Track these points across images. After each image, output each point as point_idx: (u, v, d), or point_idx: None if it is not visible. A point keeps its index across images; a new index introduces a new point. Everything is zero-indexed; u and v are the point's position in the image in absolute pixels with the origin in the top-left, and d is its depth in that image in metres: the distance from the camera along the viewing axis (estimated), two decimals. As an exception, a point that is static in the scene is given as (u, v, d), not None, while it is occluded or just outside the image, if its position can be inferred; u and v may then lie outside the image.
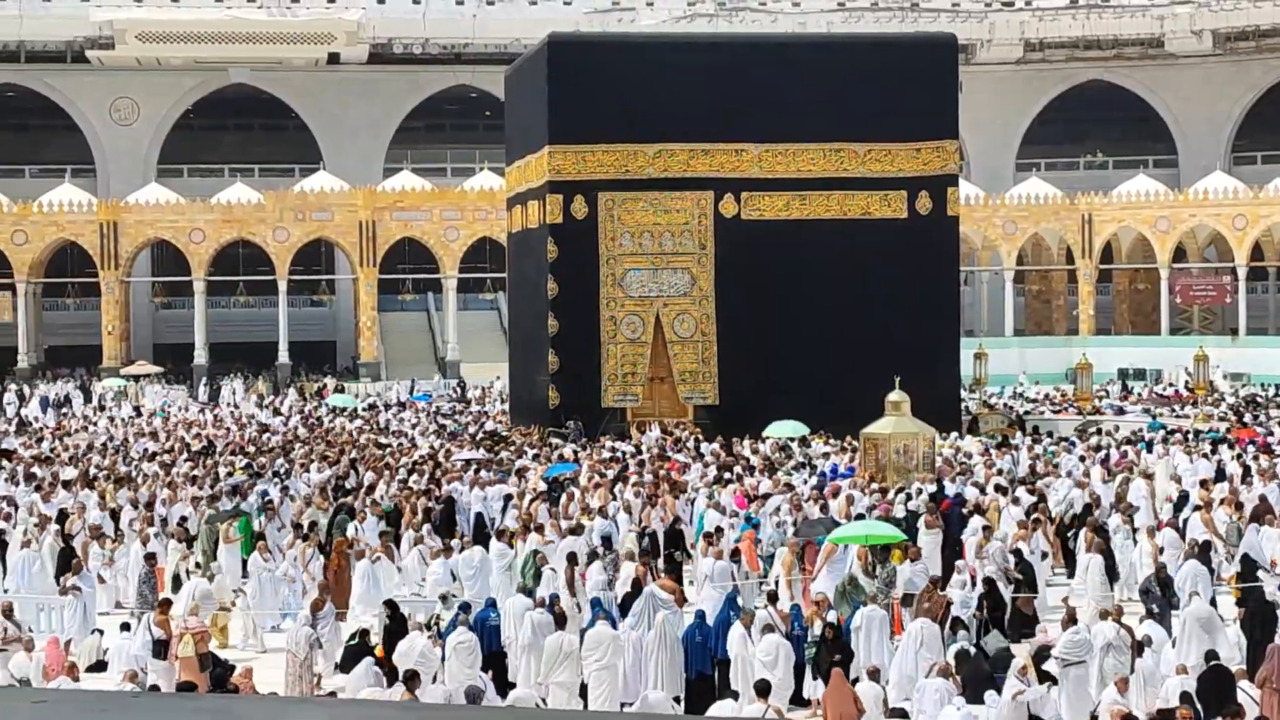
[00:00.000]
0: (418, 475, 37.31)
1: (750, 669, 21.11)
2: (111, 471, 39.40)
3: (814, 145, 49.65)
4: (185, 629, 22.03)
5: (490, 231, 76.65)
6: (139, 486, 36.30)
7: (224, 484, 36.21)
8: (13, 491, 36.08)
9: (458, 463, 39.66)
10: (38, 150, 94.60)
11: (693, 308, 49.24)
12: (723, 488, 34.48)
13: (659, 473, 36.68)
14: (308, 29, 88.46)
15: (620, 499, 32.79)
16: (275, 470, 39.23)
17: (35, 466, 40.38)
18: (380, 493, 34.76)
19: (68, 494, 35.10)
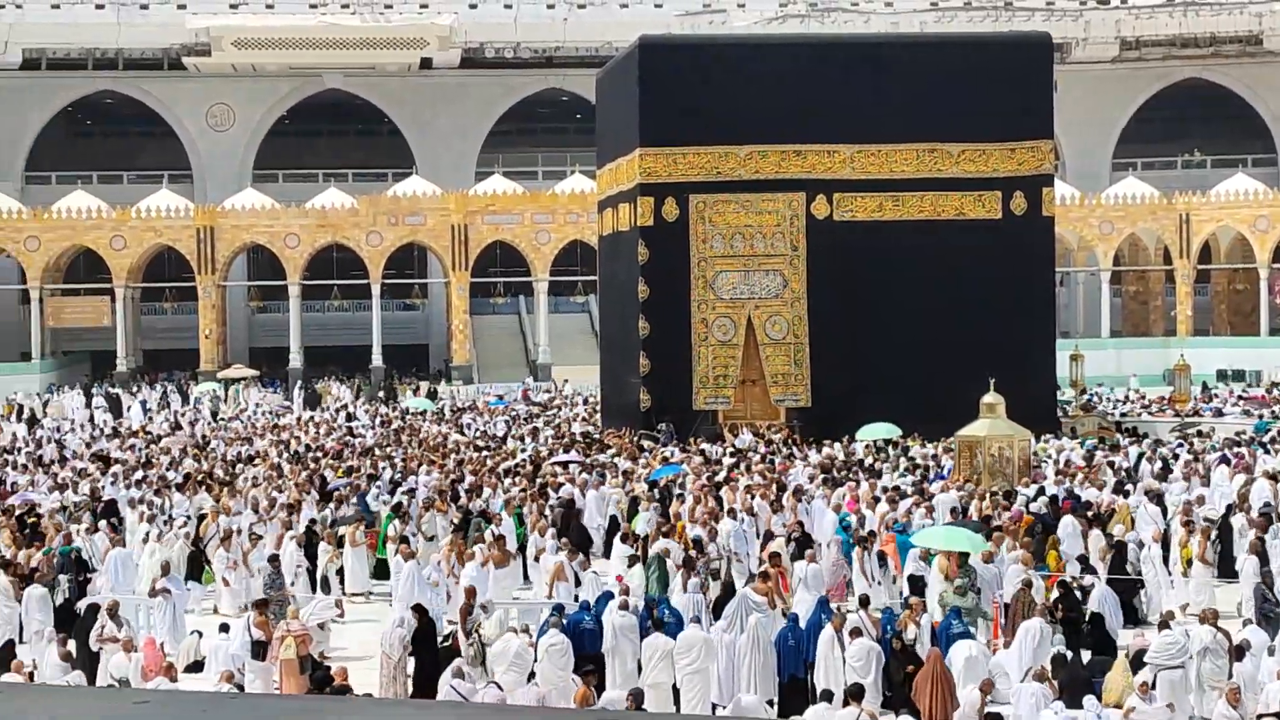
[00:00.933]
0: (524, 478, 37.19)
1: (838, 672, 21.02)
2: (213, 474, 39.62)
3: (907, 146, 49.33)
4: (287, 631, 22.16)
5: (581, 234, 76.82)
6: (252, 489, 36.45)
7: (335, 487, 36.28)
8: (119, 494, 36.37)
9: (555, 466, 39.62)
10: (136, 156, 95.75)
11: (785, 310, 49.06)
12: (831, 490, 34.37)
13: (767, 475, 36.56)
14: (401, 34, 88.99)
15: (742, 501, 32.58)
16: (376, 474, 39.17)
17: (139, 470, 40.66)
18: (486, 496, 34.66)
19: (182, 497, 35.31)
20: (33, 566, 27.38)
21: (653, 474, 37.48)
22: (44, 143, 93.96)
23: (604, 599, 23.59)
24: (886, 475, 37.22)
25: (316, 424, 57.03)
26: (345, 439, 49.99)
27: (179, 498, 35.13)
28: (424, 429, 53.27)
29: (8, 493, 36.89)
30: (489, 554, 28.11)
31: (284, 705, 3.83)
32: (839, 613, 22.52)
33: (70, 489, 37.04)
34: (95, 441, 51.58)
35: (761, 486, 34.22)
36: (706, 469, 38.47)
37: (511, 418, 57.67)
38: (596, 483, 35.61)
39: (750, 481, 35.28)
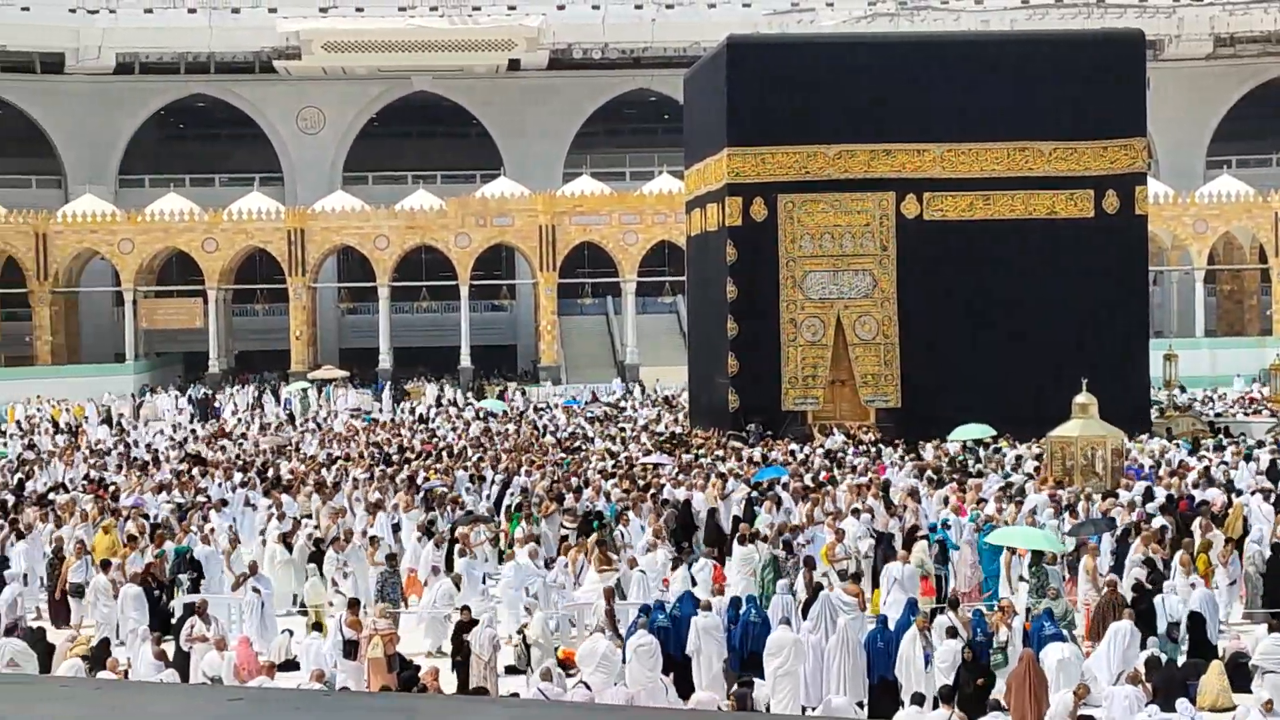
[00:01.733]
0: (625, 480, 37.03)
1: (920, 673, 20.89)
2: (321, 477, 39.72)
3: (998, 144, 49.00)
4: (374, 630, 22.29)
5: (669, 235, 76.79)
6: (354, 490, 36.54)
7: (429, 488, 36.33)
8: (229, 495, 36.56)
9: (647, 466, 39.52)
10: (227, 159, 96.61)
11: (874, 309, 48.86)
12: (934, 490, 34.18)
13: (873, 476, 36.41)
14: (489, 36, 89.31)
15: (861, 501, 32.43)
16: (479, 474, 39.14)
17: (239, 471, 40.79)
18: (587, 498, 34.55)
19: (290, 498, 35.30)
20: (148, 564, 27.62)
21: (756, 475, 37.30)
22: (137, 146, 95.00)
23: (686, 600, 23.54)
24: (993, 476, 36.90)
25: (407, 425, 57.20)
26: (431, 439, 50.10)
27: (287, 499, 35.16)
28: (506, 430, 53.24)
29: (100, 490, 37.16)
30: (593, 557, 27.96)
31: (373, 703, 3.80)
32: (923, 614, 22.37)
33: (176, 490, 37.17)
34: (185, 443, 51.91)
35: (872, 487, 34.07)
36: (804, 470, 38.32)
37: (589, 418, 57.68)
38: (701, 484, 35.40)
39: (857, 481, 35.14)
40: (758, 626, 22.15)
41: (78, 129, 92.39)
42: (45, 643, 23.34)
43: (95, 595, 26.51)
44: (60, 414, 65.22)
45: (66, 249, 79.28)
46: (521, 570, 27.46)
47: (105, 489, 37.57)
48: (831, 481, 35.88)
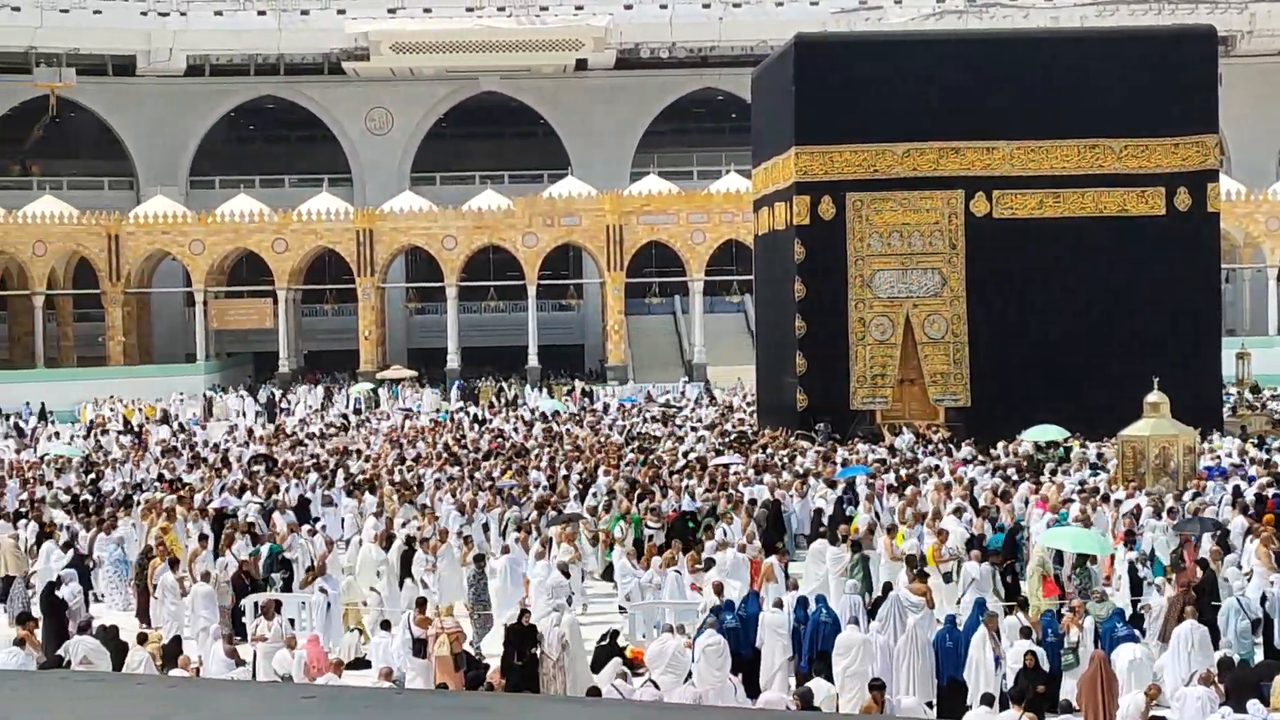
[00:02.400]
0: (702, 479, 36.86)
1: (990, 673, 20.77)
2: (385, 475, 39.75)
3: (1068, 142, 48.63)
4: (441, 629, 22.35)
5: (736, 234, 76.71)
6: (434, 491, 36.48)
7: (502, 488, 36.29)
8: (311, 495, 36.58)
9: (720, 466, 39.35)
10: (297, 160, 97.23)
11: (944, 308, 48.62)
12: (1014, 488, 33.98)
13: (959, 476, 36.17)
14: (556, 36, 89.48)
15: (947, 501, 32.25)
16: (554, 474, 39.03)
17: (312, 471, 40.79)
18: (669, 498, 34.41)
19: (372, 498, 35.21)
20: (241, 563, 27.77)
21: (837, 474, 37.14)
22: (208, 147, 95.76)
23: (753, 599, 23.50)
24: (1074, 474, 36.62)
25: (467, 425, 57.24)
26: (496, 439, 50.10)
27: (370, 499, 35.07)
28: (568, 430, 53.16)
29: (178, 490, 37.28)
30: (680, 556, 27.71)
31: (445, 701, 3.81)
32: (992, 614, 22.24)
33: (253, 490, 37.23)
34: (252, 443, 52.02)
35: (959, 487, 33.86)
36: (882, 469, 38.12)
37: (650, 417, 57.52)
38: (788, 483, 35.24)
39: (942, 481, 34.96)
40: (828, 626, 22.08)
41: (149, 131, 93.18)
42: (118, 641, 23.51)
43: (163, 593, 26.68)
44: (133, 414, 65.73)
45: (138, 250, 79.96)
46: (621, 571, 27.37)
47: (179, 489, 37.68)
48: (913, 481, 35.66)
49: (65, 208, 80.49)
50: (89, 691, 3.78)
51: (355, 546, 30.51)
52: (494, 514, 33.33)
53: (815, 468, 38.82)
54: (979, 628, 21.46)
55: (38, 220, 78.51)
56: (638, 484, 35.89)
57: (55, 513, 34.09)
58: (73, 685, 3.85)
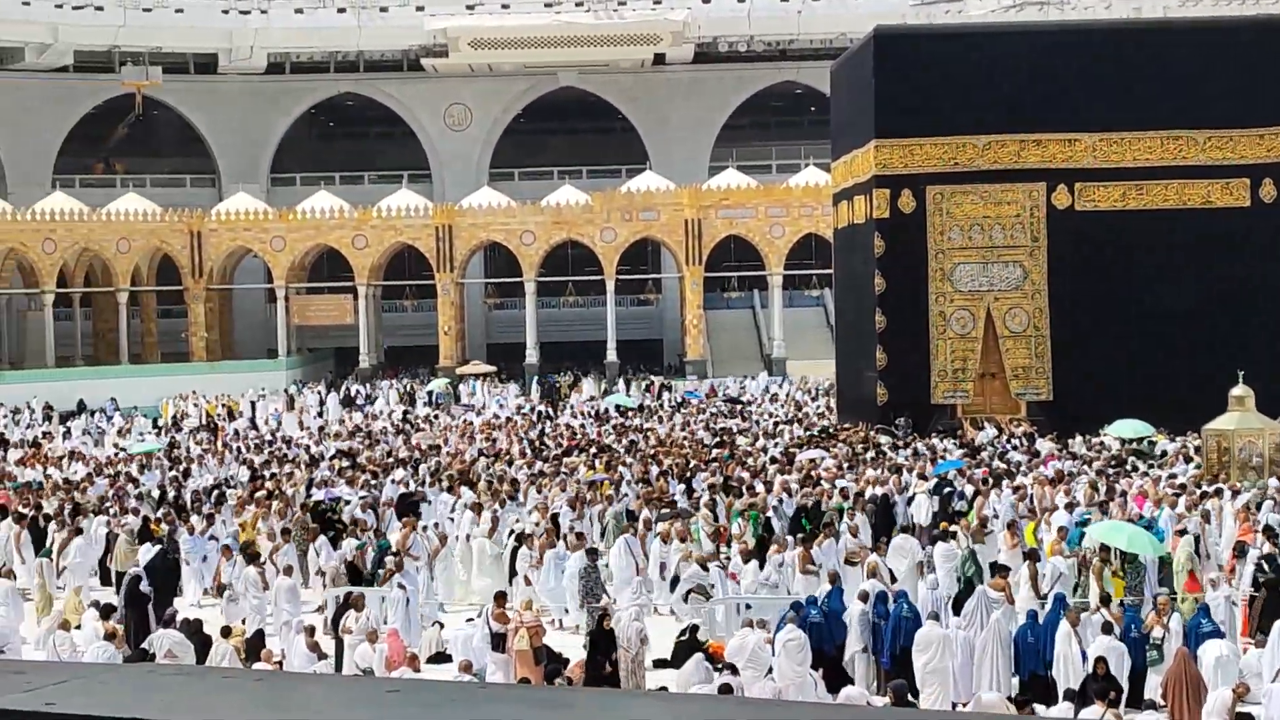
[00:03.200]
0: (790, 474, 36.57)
1: (1076, 668, 20.63)
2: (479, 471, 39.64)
3: (1151, 133, 48.24)
4: (520, 623, 22.41)
5: (815, 228, 76.45)
6: (528, 486, 36.32)
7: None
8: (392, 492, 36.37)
9: (809, 460, 39.09)
10: (376, 157, 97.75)
11: (1025, 302, 48.32)
12: (1114, 482, 33.70)
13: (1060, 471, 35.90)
14: (634, 30, 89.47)
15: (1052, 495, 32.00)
16: (648, 469, 38.70)
17: (399, 467, 40.62)
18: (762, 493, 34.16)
19: (471, 494, 34.97)
20: (351, 557, 27.94)
21: (935, 469, 36.91)
22: (288, 145, 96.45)
23: (836, 595, 23.41)
24: (1168, 469, 36.27)
25: (547, 420, 57.24)
26: (574, 435, 49.95)
27: (467, 494, 34.93)
28: (638, 425, 53.01)
29: (267, 484, 37.37)
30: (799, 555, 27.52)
31: (529, 695, 3.80)
32: (1072, 609, 22.06)
33: (354, 484, 37.23)
34: (328, 439, 52.10)
35: (1064, 482, 33.50)
36: (973, 463, 37.84)
37: (716, 413, 57.22)
38: (885, 478, 34.99)
39: (1041, 475, 34.68)
40: (909, 621, 21.98)
41: (231, 128, 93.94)
42: (202, 634, 23.70)
43: (244, 587, 26.86)
44: (215, 410, 66.24)
45: (220, 247, 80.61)
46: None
47: (263, 484, 37.74)
48: (1007, 475, 35.40)
49: (148, 205, 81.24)
50: (175, 684, 3.80)
51: (463, 542, 30.46)
52: (594, 510, 33.02)
53: (907, 462, 38.47)
54: (1061, 623, 21.31)
55: (122, 218, 79.22)
56: (731, 480, 35.67)
57: (144, 509, 34.31)
58: (159, 678, 3.87)
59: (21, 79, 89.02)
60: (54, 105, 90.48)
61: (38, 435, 57.85)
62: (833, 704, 17.80)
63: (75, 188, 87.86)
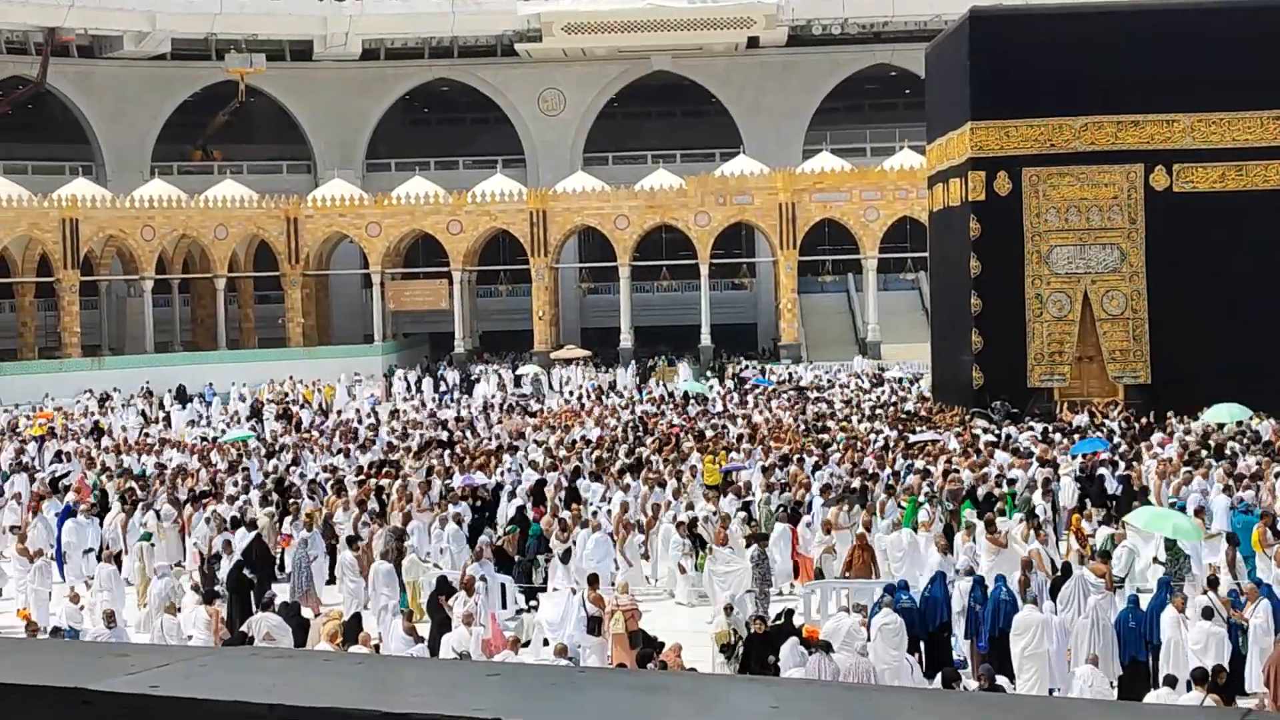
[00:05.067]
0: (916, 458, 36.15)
1: (1185, 655, 20.43)
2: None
3: (1250, 113, 47.61)
4: (616, 605, 22.46)
5: (910, 211, 76.12)
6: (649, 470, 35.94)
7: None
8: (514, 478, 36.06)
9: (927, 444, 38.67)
10: (470, 142, 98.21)
11: (1123, 284, 47.86)
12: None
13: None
14: (728, 14, 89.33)
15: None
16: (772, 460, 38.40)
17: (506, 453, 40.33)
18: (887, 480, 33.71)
19: (598, 485, 34.51)
20: (499, 543, 28.06)
21: (1073, 449, 36.56)
22: (383, 131, 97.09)
23: (938, 579, 23.27)
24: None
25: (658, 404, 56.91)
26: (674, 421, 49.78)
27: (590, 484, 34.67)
28: (719, 412, 52.77)
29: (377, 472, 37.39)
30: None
31: (624, 680, 3.81)
32: (1178, 594, 21.85)
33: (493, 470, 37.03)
34: (389, 425, 51.99)
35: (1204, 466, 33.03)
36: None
37: (788, 398, 56.65)
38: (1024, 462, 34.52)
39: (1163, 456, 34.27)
40: (1007, 605, 21.84)
41: (326, 115, 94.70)
42: (299, 618, 23.92)
43: (343, 571, 27.06)
44: (312, 395, 66.70)
45: (316, 233, 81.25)
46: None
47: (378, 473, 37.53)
48: (1137, 458, 35.06)
49: (245, 191, 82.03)
50: (276, 667, 3.83)
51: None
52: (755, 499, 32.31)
53: (1031, 446, 37.92)
54: (1167, 607, 21.12)
55: (219, 204, 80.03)
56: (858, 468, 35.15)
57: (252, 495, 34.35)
58: (260, 661, 3.91)
59: (120, 67, 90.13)
60: (152, 92, 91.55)
61: (147, 420, 58.60)
62: (928, 688, 17.72)
63: (173, 175, 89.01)
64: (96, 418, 58.73)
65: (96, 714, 3.54)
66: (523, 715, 3.29)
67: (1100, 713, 3.34)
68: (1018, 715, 3.37)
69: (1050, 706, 3.53)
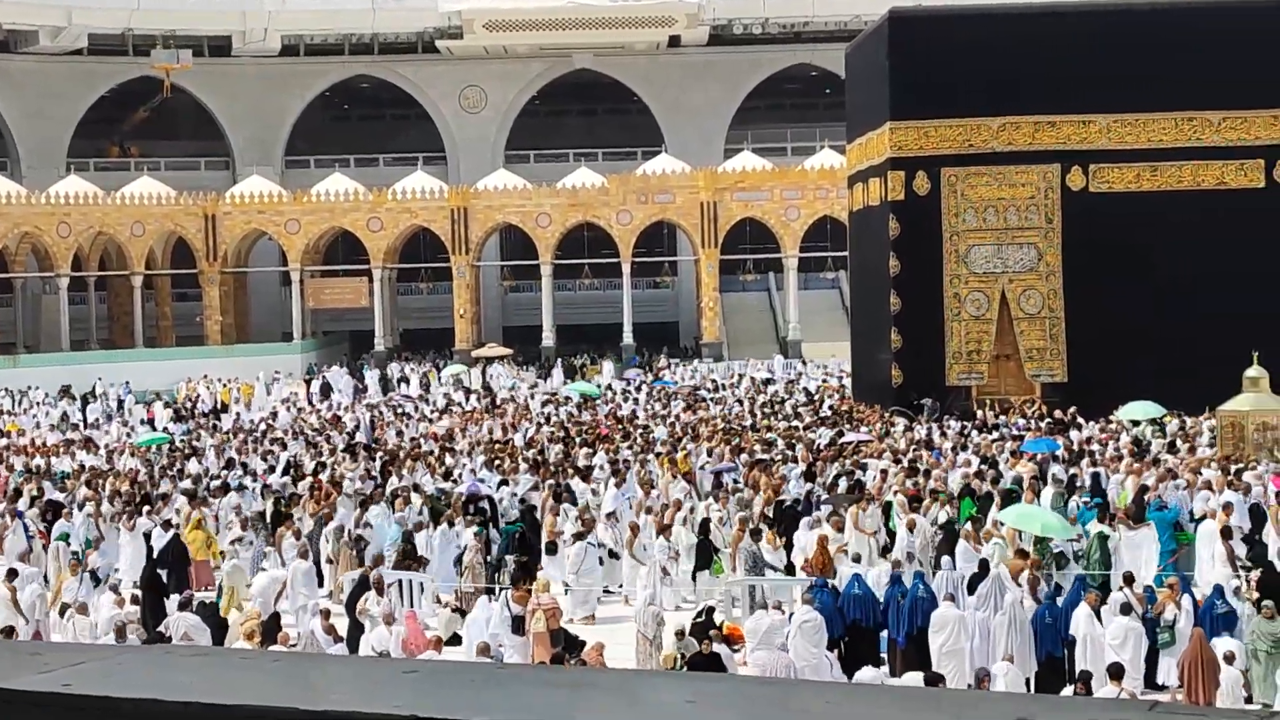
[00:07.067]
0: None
1: (1098, 651, 20.63)
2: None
3: (1165, 114, 48.12)
4: (538, 605, 22.46)
5: (831, 210, 76.38)
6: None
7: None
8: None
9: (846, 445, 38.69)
10: (391, 139, 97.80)
11: (1039, 283, 48.26)
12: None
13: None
14: (649, 13, 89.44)
15: None
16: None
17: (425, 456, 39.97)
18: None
19: (584, 485, 34.28)
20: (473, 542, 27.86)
21: (1023, 447, 36.76)
22: (302, 128, 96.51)
23: (856, 579, 23.37)
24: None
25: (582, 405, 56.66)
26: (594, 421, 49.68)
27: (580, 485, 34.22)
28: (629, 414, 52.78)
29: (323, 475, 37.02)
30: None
31: (545, 676, 3.81)
32: (1091, 590, 22.08)
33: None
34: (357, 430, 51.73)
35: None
36: None
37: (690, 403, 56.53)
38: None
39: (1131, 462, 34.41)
40: (925, 601, 21.99)
41: (245, 111, 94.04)
42: (218, 618, 23.79)
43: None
44: (229, 395, 66.20)
45: (235, 230, 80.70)
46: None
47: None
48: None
49: (163, 188, 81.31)
50: (192, 665, 3.81)
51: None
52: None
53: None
54: (1081, 604, 21.32)
55: (136, 201, 79.31)
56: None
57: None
58: (176, 659, 3.88)
59: (36, 62, 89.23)
60: (68, 88, 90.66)
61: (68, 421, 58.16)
62: (849, 684, 17.82)
63: (90, 171, 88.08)
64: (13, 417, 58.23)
65: (6, 713, 3.50)
66: (439, 712, 3.29)
67: (1014, 704, 3.37)
68: (933, 708, 3.40)
69: (966, 698, 3.56)
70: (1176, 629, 21.23)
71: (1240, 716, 3.38)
